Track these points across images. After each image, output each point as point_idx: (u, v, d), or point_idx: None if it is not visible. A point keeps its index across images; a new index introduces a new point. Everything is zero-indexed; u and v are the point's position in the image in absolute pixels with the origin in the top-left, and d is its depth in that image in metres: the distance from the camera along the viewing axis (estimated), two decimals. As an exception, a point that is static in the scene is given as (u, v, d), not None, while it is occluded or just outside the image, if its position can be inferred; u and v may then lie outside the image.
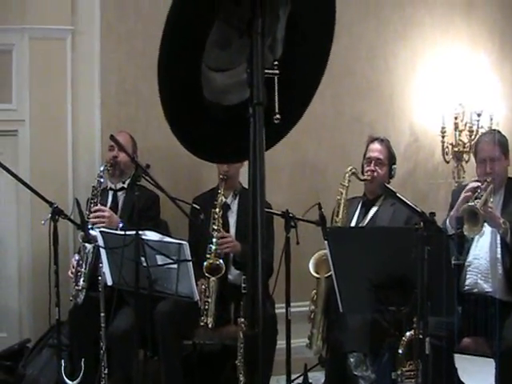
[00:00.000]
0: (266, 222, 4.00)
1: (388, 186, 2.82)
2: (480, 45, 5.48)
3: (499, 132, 3.81)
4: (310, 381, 3.86)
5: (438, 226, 2.75)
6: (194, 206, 3.79)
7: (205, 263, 3.78)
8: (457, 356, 3.50)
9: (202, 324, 3.74)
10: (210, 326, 3.73)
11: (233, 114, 1.54)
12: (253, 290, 1.50)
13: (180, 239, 3.36)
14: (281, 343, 3.69)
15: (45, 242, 4.07)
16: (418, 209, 2.75)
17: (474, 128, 5.15)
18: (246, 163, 4.21)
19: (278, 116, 1.43)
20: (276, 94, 1.43)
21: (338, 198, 3.96)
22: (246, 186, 4.51)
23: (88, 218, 3.85)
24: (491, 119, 5.17)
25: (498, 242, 3.51)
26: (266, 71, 1.42)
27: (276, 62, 1.46)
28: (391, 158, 4.08)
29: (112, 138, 3.55)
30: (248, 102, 1.44)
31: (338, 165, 4.86)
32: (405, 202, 2.83)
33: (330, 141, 5.08)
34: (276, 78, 1.44)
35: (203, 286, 3.75)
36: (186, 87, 1.49)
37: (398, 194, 2.81)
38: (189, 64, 1.46)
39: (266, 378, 3.70)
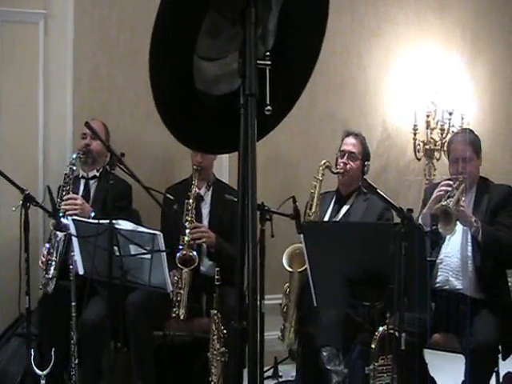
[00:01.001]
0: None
1: (368, 180, 2.82)
2: (453, 44, 5.55)
3: (472, 131, 3.85)
4: (280, 373, 3.88)
5: (415, 222, 2.77)
6: (168, 196, 3.76)
7: (178, 254, 3.75)
8: (427, 351, 3.54)
9: (173, 315, 3.72)
10: (181, 317, 3.71)
11: (224, 104, 1.53)
12: (241, 285, 1.49)
13: (154, 229, 3.34)
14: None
15: (13, 229, 4.00)
16: (396, 205, 2.77)
17: (446, 126, 5.22)
18: (224, 155, 4.15)
19: (269, 107, 1.42)
20: (267, 85, 1.42)
21: (312, 191, 3.96)
22: (221, 178, 4.50)
23: (59, 206, 3.79)
24: (462, 118, 5.25)
25: (469, 240, 3.56)
26: (258, 62, 1.41)
27: (268, 53, 1.45)
28: (365, 154, 4.10)
29: (87, 125, 3.50)
30: (238, 92, 1.43)
31: (311, 159, 4.89)
32: (385, 199, 2.85)
33: (302, 135, 5.09)
34: (267, 68, 1.43)
35: (175, 277, 3.73)
36: (177, 77, 1.47)
37: (378, 190, 2.82)
38: (181, 54, 1.45)
39: (239, 370, 3.69)
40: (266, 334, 3.35)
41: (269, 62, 1.42)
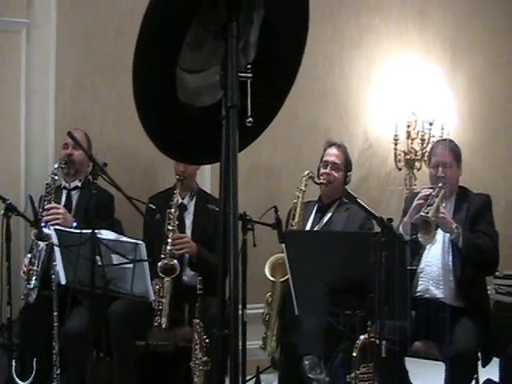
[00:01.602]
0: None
1: (349, 190, 2.85)
2: (433, 55, 5.61)
3: (453, 141, 3.91)
4: (262, 382, 3.88)
5: (395, 231, 2.80)
6: (150, 205, 3.77)
7: (159, 263, 3.76)
8: (408, 359, 3.57)
9: (155, 324, 3.73)
10: (163, 326, 3.72)
11: (206, 116, 1.55)
12: (223, 294, 1.51)
13: (136, 239, 3.35)
14: (234, 345, 3.71)
15: (-7, 238, 4.00)
16: (376, 215, 2.80)
17: (426, 136, 5.28)
18: (207, 166, 4.17)
19: (250, 119, 1.45)
20: (249, 97, 1.45)
21: (295, 201, 3.99)
22: (203, 187, 4.51)
23: (41, 216, 3.78)
24: (442, 128, 5.31)
25: (450, 249, 3.60)
26: (240, 74, 1.43)
27: (249, 66, 1.48)
28: (347, 164, 4.14)
29: (70, 134, 3.51)
30: (221, 104, 1.45)
31: (293, 169, 4.92)
32: (364, 208, 2.88)
33: (284, 145, 5.12)
34: (249, 81, 1.45)
35: (157, 286, 3.73)
36: (160, 89, 1.49)
37: (358, 200, 2.85)
38: (164, 66, 1.47)
39: (221, 380, 3.69)
40: (248, 343, 3.37)
41: (250, 75, 1.45)
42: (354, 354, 3.04)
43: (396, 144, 5.27)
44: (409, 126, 5.31)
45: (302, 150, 5.12)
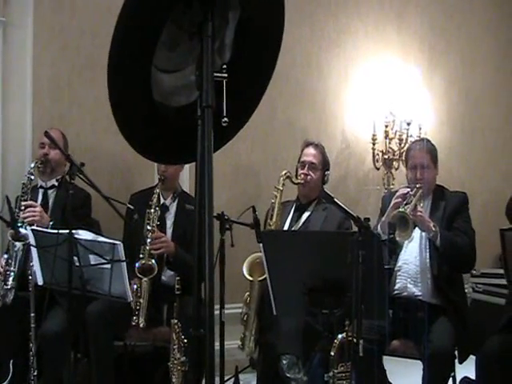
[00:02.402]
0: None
1: (326, 191, 2.86)
2: (411, 56, 5.65)
3: (429, 141, 3.94)
4: (241, 382, 3.88)
5: (372, 231, 2.81)
6: (129, 206, 3.76)
7: (137, 263, 3.74)
8: (386, 358, 3.59)
9: (133, 324, 3.71)
10: (141, 325, 3.70)
11: (181, 116, 1.55)
12: (198, 293, 1.51)
13: (114, 239, 3.33)
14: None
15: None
16: (353, 214, 2.82)
17: (404, 136, 5.32)
18: (186, 166, 4.17)
19: (225, 119, 1.45)
20: (224, 97, 1.45)
21: (273, 201, 4.00)
22: (185, 189, 4.49)
23: (18, 216, 3.75)
24: (420, 128, 5.35)
25: (427, 247, 3.63)
26: (215, 74, 1.44)
27: (224, 66, 1.48)
28: (325, 164, 4.15)
29: (46, 134, 3.48)
30: (196, 104, 1.45)
31: (271, 169, 4.93)
32: (342, 207, 2.89)
33: (262, 144, 5.12)
34: (224, 81, 1.46)
35: (135, 286, 3.72)
36: (136, 89, 1.49)
37: (335, 200, 2.86)
38: (139, 66, 1.46)
39: (198, 380, 3.69)
40: (226, 343, 3.37)
41: (225, 75, 1.45)
42: (332, 353, 3.05)
43: (374, 144, 5.31)
44: (387, 126, 5.35)
45: (280, 149, 5.13)
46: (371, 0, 5.59)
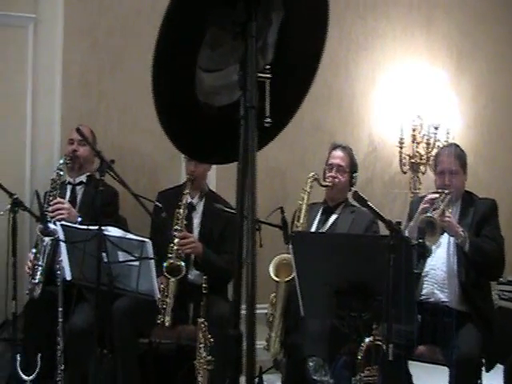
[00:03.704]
0: (231, 225, 4.00)
1: (360, 193, 2.85)
2: (439, 59, 5.62)
3: (458, 146, 3.91)
4: (265, 383, 3.88)
5: (403, 235, 2.80)
6: (157, 203, 3.76)
7: (165, 263, 3.75)
8: (411, 363, 3.57)
9: (158, 322, 3.72)
10: (166, 324, 3.71)
11: (224, 115, 1.55)
12: (238, 294, 1.50)
13: (143, 237, 3.34)
14: (238, 345, 3.72)
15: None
16: (385, 218, 2.81)
17: (431, 141, 5.28)
18: (213, 165, 4.14)
19: (268, 120, 1.45)
20: (267, 97, 1.45)
21: (300, 203, 3.99)
22: (213, 189, 4.47)
23: (47, 211, 3.78)
24: (448, 133, 5.31)
25: (455, 253, 3.60)
26: (258, 75, 1.43)
27: (268, 66, 1.48)
28: (353, 166, 4.14)
29: (78, 130, 3.51)
30: (238, 104, 1.45)
31: (298, 171, 4.92)
32: (375, 211, 2.88)
33: (290, 147, 5.11)
34: (267, 81, 1.45)
35: (162, 285, 3.72)
36: (180, 87, 1.49)
37: (368, 203, 2.85)
38: (185, 65, 1.46)
39: (223, 378, 3.69)
40: (251, 344, 3.36)
41: (269, 75, 1.45)
42: (359, 357, 3.04)
43: (401, 147, 5.28)
44: (414, 130, 5.32)
45: (306, 152, 5.12)
46: (400, 4, 5.57)
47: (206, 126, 1.55)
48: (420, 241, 3.23)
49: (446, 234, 3.56)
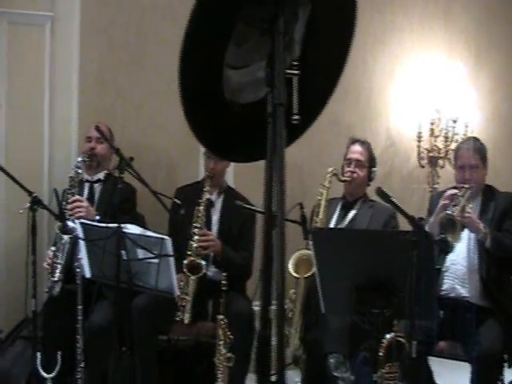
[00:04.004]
0: (249, 222, 3.99)
1: (383, 189, 2.83)
2: (457, 53, 5.57)
3: (478, 140, 3.88)
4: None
5: (426, 231, 2.78)
6: (175, 200, 3.76)
7: (185, 261, 3.75)
8: (432, 359, 3.55)
9: (177, 319, 3.72)
10: (186, 321, 3.71)
11: (249, 113, 1.53)
12: (267, 293, 1.49)
13: (162, 234, 3.34)
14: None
15: (18, 231, 4.01)
16: (408, 214, 2.78)
17: (450, 134, 5.24)
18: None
19: (296, 117, 1.43)
20: (295, 94, 1.43)
21: (319, 198, 3.97)
22: (231, 185, 4.44)
23: (65, 209, 3.78)
24: (466, 127, 5.27)
25: (475, 248, 3.57)
26: (286, 71, 1.42)
27: (295, 63, 1.46)
28: (371, 161, 4.11)
29: (97, 128, 3.52)
30: (264, 101, 1.43)
31: (316, 166, 4.89)
32: (398, 207, 2.86)
33: (307, 142, 5.04)
34: (295, 78, 1.44)
35: (181, 282, 3.72)
36: (207, 84, 1.47)
37: (392, 199, 2.83)
38: (212, 61, 1.45)
39: (242, 375, 3.70)
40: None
41: (296, 72, 1.43)
42: (380, 353, 3.02)
43: (419, 141, 5.24)
44: (432, 124, 5.28)
45: (324, 146, 5.09)
46: (416, -3, 5.53)
47: (232, 124, 1.54)
48: (442, 236, 3.20)
49: (466, 229, 3.53)
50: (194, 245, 3.78)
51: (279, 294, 1.32)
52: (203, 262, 3.76)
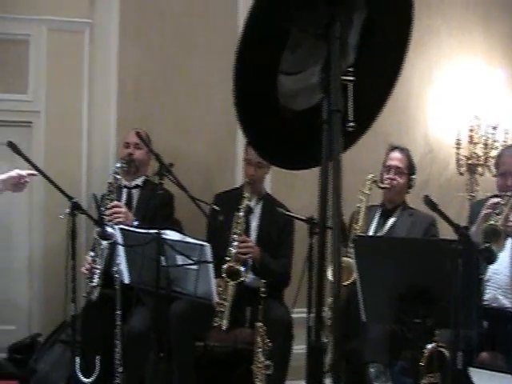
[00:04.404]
0: (288, 229, 3.96)
1: (431, 197, 2.80)
2: (496, 59, 5.48)
3: (522, 146, 3.81)
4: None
5: (471, 240, 2.73)
6: (214, 207, 3.75)
7: (225, 266, 3.74)
8: (474, 370, 3.48)
9: (215, 325, 3.70)
10: (224, 328, 3.69)
11: (302, 120, 1.51)
12: (319, 305, 1.47)
13: (201, 240, 3.33)
14: (296, 348, 3.71)
15: (56, 236, 4.06)
16: (455, 222, 2.74)
17: (489, 141, 5.15)
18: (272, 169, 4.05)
19: (352, 124, 1.40)
20: (350, 101, 1.40)
21: (358, 205, 3.93)
22: (269, 192, 4.39)
23: (104, 215, 3.80)
24: (506, 133, 5.18)
25: (519, 257, 3.51)
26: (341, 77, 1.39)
27: (350, 68, 1.43)
28: (411, 168, 4.07)
29: (138, 134, 3.53)
30: (318, 108, 1.41)
31: (353, 173, 4.79)
32: (444, 215, 2.82)
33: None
34: (351, 84, 1.41)
35: (220, 288, 3.71)
36: (261, 91, 1.46)
37: (438, 207, 2.79)
38: (266, 69, 1.43)
39: (280, 382, 3.67)
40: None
41: (352, 78, 1.40)
42: (422, 363, 2.97)
43: (458, 149, 5.16)
44: (471, 131, 5.19)
45: (361, 154, 5.00)
46: (455, 1, 5.45)
47: (284, 130, 1.52)
48: (487, 245, 3.15)
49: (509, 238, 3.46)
50: (233, 251, 3.76)
51: (336, 301, 1.29)
52: (242, 268, 3.75)
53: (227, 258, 3.76)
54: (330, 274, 3.75)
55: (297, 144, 1.52)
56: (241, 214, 3.86)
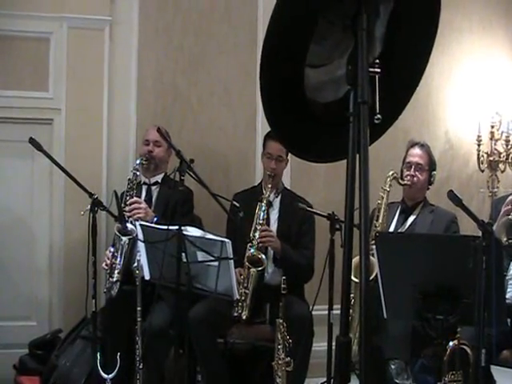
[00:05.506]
0: (308, 222, 3.95)
1: (455, 192, 2.78)
2: (517, 54, 5.43)
3: (543, 142, 3.77)
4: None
5: (495, 236, 2.71)
6: (234, 203, 3.75)
7: (247, 252, 3.75)
8: (496, 368, 3.45)
9: (235, 315, 3.70)
10: (243, 317, 3.68)
11: (329, 113, 1.50)
12: (347, 301, 1.45)
13: (222, 236, 3.33)
14: (316, 345, 3.69)
15: (77, 232, 4.08)
16: (479, 218, 2.72)
17: (511, 138, 5.10)
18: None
19: (378, 116, 1.39)
20: (377, 93, 1.39)
21: (379, 202, 3.91)
22: (287, 186, 4.38)
23: (124, 211, 3.81)
24: (527, 129, 5.13)
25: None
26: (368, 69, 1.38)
27: (377, 61, 1.42)
28: (431, 164, 4.04)
29: (159, 131, 3.53)
30: (344, 100, 1.40)
31: (373, 170, 4.77)
32: (469, 211, 2.80)
33: (363, 144, 5.01)
34: (377, 76, 1.40)
35: (241, 276, 3.71)
36: (288, 83, 1.45)
37: (463, 202, 2.77)
38: (293, 61, 1.42)
39: (301, 379, 3.66)
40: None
41: (378, 70, 1.39)
42: (443, 361, 2.95)
43: (479, 145, 5.12)
44: (492, 127, 5.14)
45: (381, 150, 5.00)
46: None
47: (311, 122, 1.51)
48: (510, 242, 3.12)
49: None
50: (257, 238, 3.78)
51: (365, 296, 1.28)
52: (264, 256, 3.76)
53: (250, 246, 3.78)
54: (351, 272, 3.73)
55: (324, 137, 1.51)
56: (264, 203, 3.89)
